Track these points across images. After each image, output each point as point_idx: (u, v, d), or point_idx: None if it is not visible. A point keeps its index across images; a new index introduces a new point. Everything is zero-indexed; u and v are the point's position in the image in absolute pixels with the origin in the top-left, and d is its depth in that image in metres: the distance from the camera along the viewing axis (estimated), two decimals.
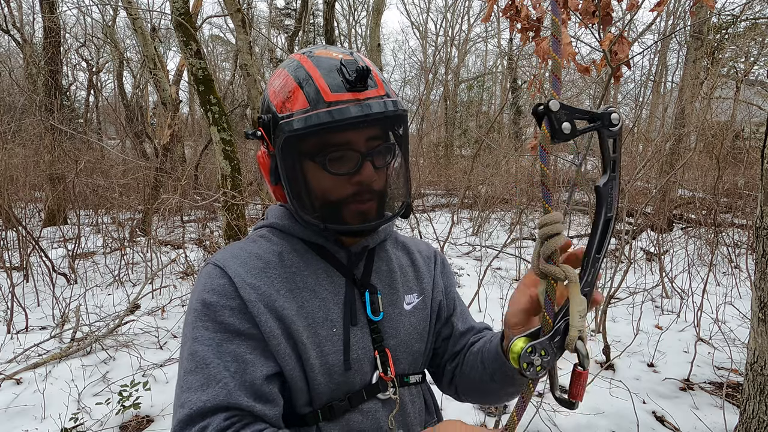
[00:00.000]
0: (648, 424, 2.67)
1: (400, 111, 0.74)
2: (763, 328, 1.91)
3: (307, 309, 0.76)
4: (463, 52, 24.44)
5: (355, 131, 0.72)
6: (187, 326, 0.74)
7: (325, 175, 0.74)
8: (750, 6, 9.23)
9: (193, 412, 0.65)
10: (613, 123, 0.59)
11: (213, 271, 0.75)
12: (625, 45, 2.25)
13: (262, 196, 5.88)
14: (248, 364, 0.69)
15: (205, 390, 0.66)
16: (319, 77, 0.72)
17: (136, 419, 2.76)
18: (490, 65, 26.26)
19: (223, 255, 0.78)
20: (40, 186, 8.98)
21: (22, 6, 14.83)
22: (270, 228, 0.85)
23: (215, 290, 0.73)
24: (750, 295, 2.15)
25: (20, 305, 4.18)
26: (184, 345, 0.72)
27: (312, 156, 0.74)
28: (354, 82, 0.70)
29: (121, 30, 19.83)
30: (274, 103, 0.76)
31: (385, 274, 0.87)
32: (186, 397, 0.67)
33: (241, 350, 0.70)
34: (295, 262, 0.79)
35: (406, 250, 0.95)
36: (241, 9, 6.05)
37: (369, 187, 0.75)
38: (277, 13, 22.84)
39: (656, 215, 7.57)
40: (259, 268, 0.76)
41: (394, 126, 0.78)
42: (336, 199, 0.75)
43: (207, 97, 5.03)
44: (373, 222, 0.77)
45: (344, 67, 0.70)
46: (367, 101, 0.71)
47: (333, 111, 0.69)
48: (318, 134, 0.71)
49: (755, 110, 9.80)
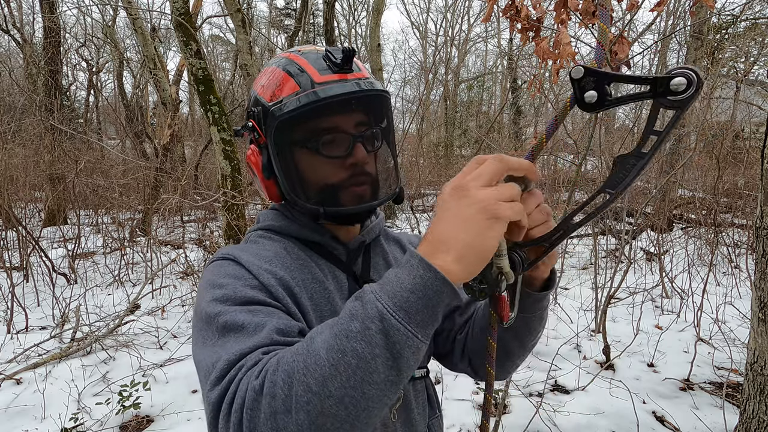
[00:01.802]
0: (648, 424, 2.67)
1: (385, 91, 0.77)
2: (763, 328, 1.91)
3: (316, 301, 0.75)
4: (463, 52, 24.44)
5: (344, 115, 0.74)
6: (200, 314, 0.67)
7: (320, 160, 0.75)
8: (750, 6, 9.23)
9: (233, 358, 0.56)
10: (673, 90, 0.45)
11: (222, 263, 0.72)
12: (625, 45, 2.25)
13: (262, 196, 5.88)
14: (282, 318, 0.65)
15: (246, 342, 0.59)
16: (307, 64, 0.75)
17: (136, 419, 2.76)
18: (490, 65, 26.28)
19: (229, 250, 0.76)
20: (40, 186, 8.99)
21: (22, 6, 14.84)
22: (266, 230, 0.84)
23: (229, 274, 0.69)
24: (750, 295, 2.15)
25: (20, 305, 4.18)
26: (209, 328, 0.64)
27: (304, 142, 0.75)
28: (341, 63, 0.73)
29: (121, 30, 19.85)
30: (263, 95, 0.77)
31: (383, 269, 0.87)
32: (222, 352, 0.58)
33: (271, 310, 0.66)
34: (301, 256, 0.79)
35: (399, 244, 0.96)
36: (241, 9, 6.05)
37: (362, 169, 0.76)
38: (277, 13, 22.85)
39: (656, 215, 7.57)
40: (269, 257, 0.75)
41: (379, 107, 0.79)
42: (332, 183, 0.75)
43: (207, 97, 5.03)
44: (370, 203, 0.77)
45: (330, 53, 0.74)
46: (353, 81, 0.73)
47: (325, 88, 0.71)
48: (309, 117, 0.72)
49: (755, 110, 9.79)
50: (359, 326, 0.49)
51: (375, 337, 0.48)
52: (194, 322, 0.70)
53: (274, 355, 0.55)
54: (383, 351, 0.48)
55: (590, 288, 4.96)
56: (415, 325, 0.49)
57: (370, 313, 0.49)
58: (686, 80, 0.45)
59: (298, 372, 0.49)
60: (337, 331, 0.50)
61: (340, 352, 0.48)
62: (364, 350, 0.48)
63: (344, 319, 0.51)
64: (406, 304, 0.48)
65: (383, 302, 0.49)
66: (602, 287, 4.18)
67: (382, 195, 0.80)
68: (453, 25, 24.77)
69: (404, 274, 0.50)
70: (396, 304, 0.48)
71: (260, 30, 21.69)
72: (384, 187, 0.81)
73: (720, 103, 10.01)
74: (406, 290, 0.49)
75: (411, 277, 0.49)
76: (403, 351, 0.48)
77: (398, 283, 0.50)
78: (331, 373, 0.48)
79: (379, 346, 0.48)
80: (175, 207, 7.14)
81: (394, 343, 0.48)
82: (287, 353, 0.53)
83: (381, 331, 0.48)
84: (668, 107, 0.47)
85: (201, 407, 2.87)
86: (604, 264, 5.55)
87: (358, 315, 0.50)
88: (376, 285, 0.52)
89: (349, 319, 0.50)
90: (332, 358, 0.48)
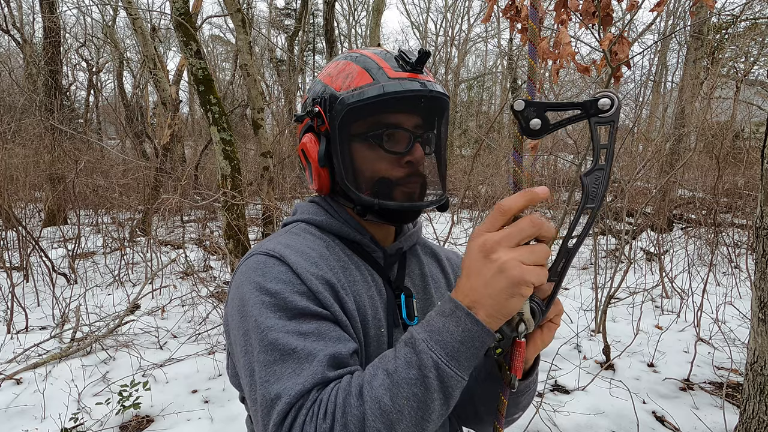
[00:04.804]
0: (648, 424, 2.67)
1: (448, 97, 0.79)
2: (763, 328, 1.91)
3: (360, 304, 0.75)
4: (463, 52, 24.45)
5: (409, 114, 0.76)
6: (244, 320, 0.68)
7: (379, 153, 0.76)
8: (750, 6, 9.23)
9: (292, 399, 0.60)
10: (602, 109, 0.55)
11: (268, 260, 0.71)
12: (625, 45, 2.26)
13: (262, 196, 5.88)
14: (333, 340, 0.66)
15: (300, 374, 0.61)
16: (381, 60, 0.77)
17: (136, 419, 2.76)
18: (490, 65, 26.28)
19: (273, 245, 0.74)
20: (40, 186, 8.99)
21: (22, 6, 14.85)
22: (307, 223, 0.84)
23: (278, 278, 0.68)
24: (750, 295, 2.15)
25: (20, 305, 4.18)
26: (248, 340, 0.66)
27: (367, 134, 0.76)
28: (415, 63, 0.74)
29: (121, 30, 19.88)
30: (332, 85, 0.78)
31: (418, 279, 0.87)
32: (278, 388, 0.61)
33: (323, 328, 0.66)
34: (342, 256, 0.79)
35: (435, 257, 0.95)
36: (241, 9, 6.05)
37: (417, 169, 0.77)
38: (277, 13, 22.85)
39: (656, 215, 7.57)
40: (315, 258, 0.74)
41: (443, 112, 0.81)
42: (387, 177, 0.76)
43: (207, 97, 5.03)
44: (419, 203, 0.78)
45: (404, 53, 0.76)
46: (426, 81, 0.75)
47: (400, 82, 0.73)
48: (379, 109, 0.74)
49: (755, 110, 9.80)
50: (417, 374, 0.56)
51: (432, 384, 0.56)
52: (236, 319, 0.69)
53: (335, 394, 0.60)
54: (439, 394, 0.56)
55: (590, 288, 4.96)
56: (464, 370, 0.57)
57: (426, 363, 0.56)
58: (609, 100, 0.55)
59: (369, 419, 0.56)
60: (397, 379, 0.57)
61: (403, 398, 0.56)
62: (424, 395, 0.56)
63: (401, 366, 0.57)
64: (457, 354, 0.56)
65: (437, 353, 0.56)
66: (602, 287, 4.18)
67: (431, 198, 0.81)
68: (453, 25, 24.80)
69: (453, 326, 0.56)
70: (448, 354, 0.56)
71: (260, 30, 21.69)
72: (432, 191, 0.82)
73: (720, 103, 10.01)
74: (456, 341, 0.56)
75: (460, 330, 0.56)
76: (454, 392, 0.57)
77: (448, 334, 0.56)
78: (398, 417, 0.56)
79: (436, 390, 0.56)
80: (175, 207, 7.14)
81: (447, 386, 0.56)
82: (352, 398, 0.58)
83: (437, 378, 0.56)
84: (602, 124, 0.56)
85: (201, 407, 2.88)
86: (604, 264, 5.56)
87: (413, 363, 0.57)
88: (425, 332, 0.58)
89: (406, 367, 0.57)
90: (397, 404, 0.56)
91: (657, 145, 8.35)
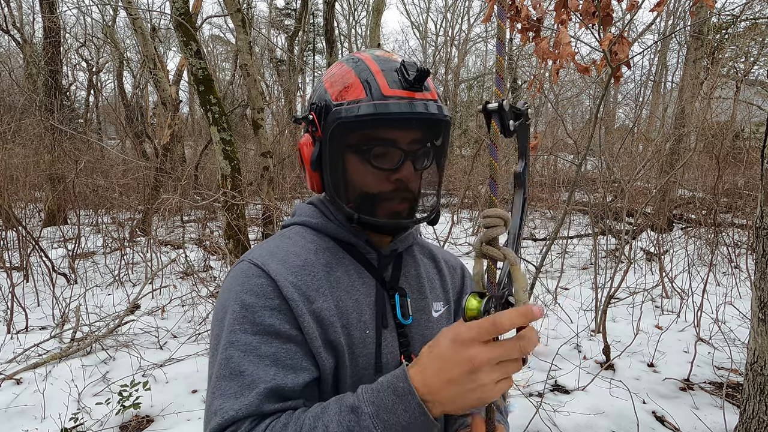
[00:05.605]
0: (648, 424, 2.67)
1: (448, 118, 0.77)
2: (763, 328, 1.91)
3: (342, 309, 0.76)
4: (463, 52, 24.45)
5: (401, 130, 0.75)
6: (219, 326, 0.72)
7: (367, 168, 0.75)
8: (750, 6, 9.23)
9: (224, 422, 0.65)
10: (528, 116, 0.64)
11: (250, 270, 0.74)
12: (625, 45, 2.26)
13: (262, 196, 5.88)
14: (286, 369, 0.68)
15: (238, 398, 0.66)
16: (378, 72, 0.75)
17: (136, 419, 2.76)
18: (490, 65, 26.26)
19: (259, 252, 0.77)
20: (40, 186, 8.99)
21: (22, 6, 14.85)
22: (302, 225, 0.85)
23: (254, 291, 0.72)
24: (750, 295, 2.15)
25: (20, 305, 4.18)
26: (217, 346, 0.71)
27: (357, 147, 0.75)
28: (412, 81, 0.73)
29: (121, 30, 19.88)
30: (330, 91, 0.77)
31: (413, 279, 0.87)
32: (219, 404, 0.66)
33: (281, 354, 0.69)
34: (330, 260, 0.80)
35: (432, 258, 0.96)
36: (241, 9, 6.06)
37: (405, 186, 0.76)
38: (277, 13, 22.85)
39: (656, 215, 7.57)
40: (298, 266, 0.76)
41: (439, 132, 0.79)
42: (372, 193, 0.76)
43: (207, 97, 5.03)
44: (404, 221, 0.78)
45: (404, 67, 0.74)
46: (421, 101, 0.74)
47: (389, 103, 0.72)
48: (368, 125, 0.73)
49: (755, 110, 9.80)
50: None
51: None
52: (215, 322, 0.74)
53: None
54: None
55: (590, 288, 4.96)
56: None
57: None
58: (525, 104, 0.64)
59: None
60: None
61: None
62: None
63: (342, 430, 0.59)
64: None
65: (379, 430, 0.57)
66: (602, 287, 4.18)
67: (418, 215, 0.81)
68: (453, 25, 24.80)
69: (401, 410, 0.57)
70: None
71: (260, 30, 21.69)
72: (422, 207, 0.82)
73: (720, 103, 10.00)
74: (401, 426, 0.56)
75: (407, 416, 0.56)
76: None
77: (395, 416, 0.57)
78: None
79: None
80: (175, 207, 7.14)
81: None
82: None
83: None
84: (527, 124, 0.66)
85: (201, 407, 2.88)
86: (604, 264, 5.56)
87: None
88: (373, 406, 0.58)
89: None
90: None
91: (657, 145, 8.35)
